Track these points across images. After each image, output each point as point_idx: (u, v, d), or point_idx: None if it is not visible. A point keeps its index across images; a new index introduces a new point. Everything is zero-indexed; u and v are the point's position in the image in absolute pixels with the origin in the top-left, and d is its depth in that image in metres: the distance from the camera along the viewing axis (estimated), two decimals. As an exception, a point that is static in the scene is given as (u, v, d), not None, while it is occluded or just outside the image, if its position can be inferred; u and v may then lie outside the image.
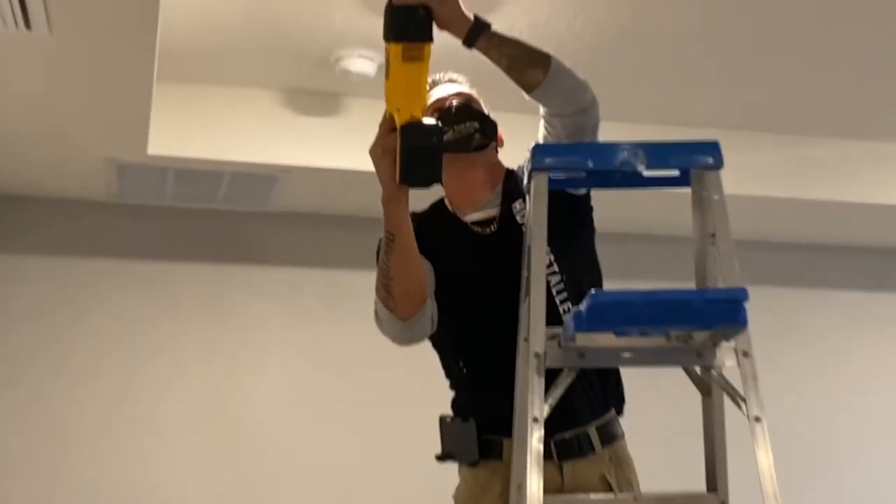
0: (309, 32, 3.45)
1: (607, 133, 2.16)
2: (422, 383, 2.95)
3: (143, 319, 4.58)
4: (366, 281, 2.57)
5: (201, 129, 3.95)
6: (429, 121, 1.90)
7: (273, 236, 4.79)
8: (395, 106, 1.85)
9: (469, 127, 2.15)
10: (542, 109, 2.09)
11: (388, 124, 1.87)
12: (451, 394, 2.22)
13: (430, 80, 2.23)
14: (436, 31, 1.85)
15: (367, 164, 1.93)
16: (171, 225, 4.68)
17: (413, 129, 1.83)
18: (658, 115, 4.21)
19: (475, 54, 1.94)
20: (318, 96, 4.06)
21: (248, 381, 4.64)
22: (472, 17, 1.90)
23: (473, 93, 2.26)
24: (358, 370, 4.66)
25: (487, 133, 2.17)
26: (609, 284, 2.20)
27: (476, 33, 1.90)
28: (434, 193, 2.14)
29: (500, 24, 3.23)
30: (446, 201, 2.26)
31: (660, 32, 3.44)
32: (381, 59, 3.58)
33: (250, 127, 4.01)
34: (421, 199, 2.12)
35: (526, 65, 1.96)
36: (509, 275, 2.04)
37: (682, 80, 3.92)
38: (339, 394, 4.68)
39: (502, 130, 2.25)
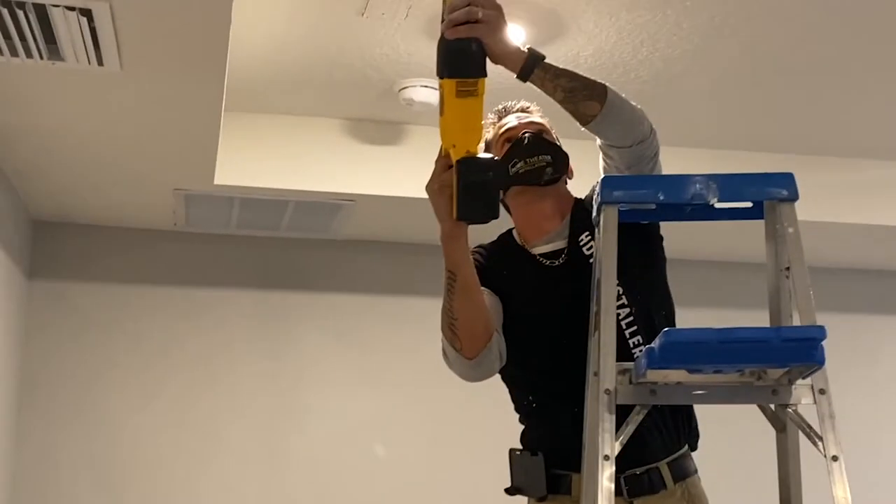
0: (373, 62, 3.47)
1: (671, 158, 2.14)
2: (489, 415, 2.93)
3: (205, 346, 4.63)
4: (428, 308, 2.57)
5: (267, 158, 3.99)
6: (485, 156, 1.89)
7: (335, 263, 4.82)
8: (450, 142, 1.84)
9: (541, 160, 2.12)
10: (599, 140, 2.06)
11: (443, 161, 1.86)
12: (520, 426, 2.20)
13: (500, 107, 2.24)
14: (490, 65, 1.83)
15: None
16: (235, 252, 4.73)
17: (469, 164, 1.82)
18: (723, 140, 4.17)
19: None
20: (381, 125, 4.09)
21: (308, 410, 4.66)
22: (525, 50, 1.88)
23: (546, 123, 2.23)
24: (422, 400, 4.65)
25: (559, 167, 2.15)
26: (680, 311, 2.17)
27: (530, 66, 1.87)
28: (499, 226, 2.13)
29: (565, 51, 3.30)
30: (514, 233, 2.25)
31: (726, 58, 3.41)
32: (444, 87, 3.64)
33: (315, 156, 4.05)
34: (487, 232, 2.11)
35: (581, 97, 1.92)
36: (578, 307, 2.01)
37: (748, 106, 3.87)
38: (402, 424, 4.67)
39: (571, 157, 2.22)
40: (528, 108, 2.26)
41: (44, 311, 4.47)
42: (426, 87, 3.65)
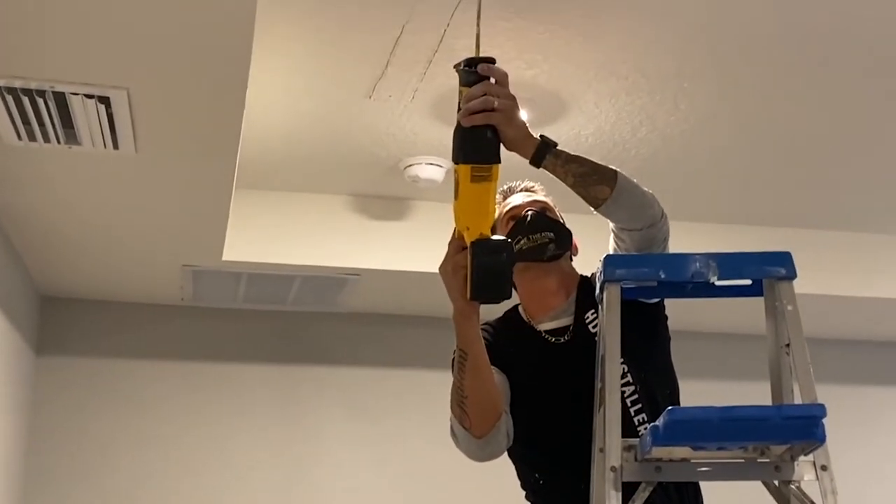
0: (380, 141, 3.56)
1: (671, 232, 2.17)
2: (498, 490, 2.94)
3: (211, 419, 4.64)
4: (433, 380, 2.60)
5: (274, 234, 4.06)
6: (498, 238, 1.93)
7: (341, 337, 4.86)
8: (464, 225, 1.89)
9: (544, 237, 2.18)
10: (611, 223, 2.11)
11: (457, 243, 1.90)
12: (525, 503, 2.22)
13: (506, 187, 2.29)
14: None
15: (434, 266, 1.98)
16: (241, 326, 4.77)
17: (483, 246, 1.86)
18: (722, 214, 4.24)
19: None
20: (387, 201, 4.16)
21: (314, 483, 4.65)
22: (538, 138, 1.93)
23: (549, 201, 2.29)
24: (427, 473, 4.65)
25: (562, 243, 2.20)
26: (686, 384, 2.20)
27: (542, 153, 1.92)
28: (507, 303, 2.17)
29: (566, 130, 3.38)
30: (520, 309, 2.29)
31: (723, 136, 3.49)
32: (448, 164, 3.72)
33: (321, 231, 4.11)
34: (495, 309, 2.15)
35: (592, 181, 1.97)
36: (583, 385, 2.04)
37: (746, 181, 3.95)
38: (406, 497, 4.66)
39: (576, 233, 2.27)
40: (532, 187, 2.32)
41: (52, 386, 4.50)
42: (431, 164, 3.74)
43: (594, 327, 2.13)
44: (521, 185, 2.33)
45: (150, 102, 2.56)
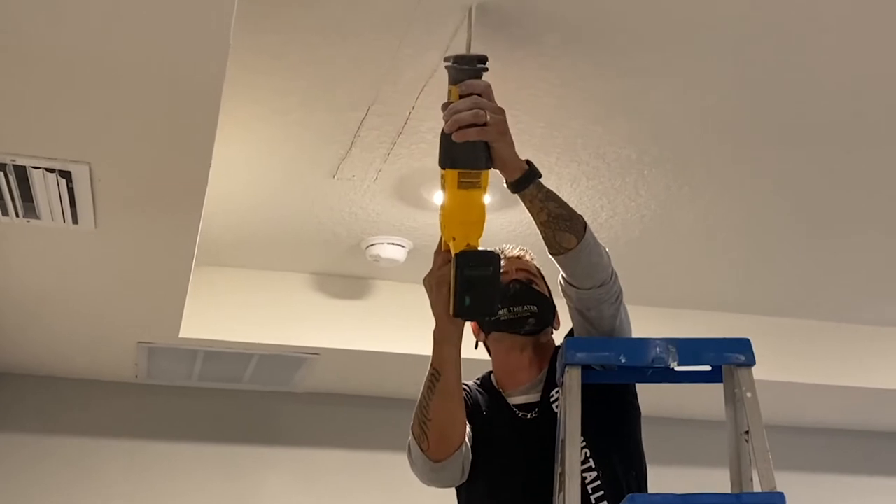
0: (342, 220, 3.56)
1: (631, 316, 2.16)
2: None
3: (164, 500, 4.52)
4: (392, 462, 2.55)
5: (233, 311, 4.02)
6: (484, 249, 1.83)
7: (297, 417, 4.79)
8: (450, 235, 1.80)
9: (525, 311, 2.12)
10: (560, 278, 2.04)
11: (443, 254, 1.84)
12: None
13: (497, 249, 2.15)
14: None
15: (392, 347, 1.94)
16: (195, 405, 4.69)
17: (468, 258, 1.77)
18: (681, 300, 4.28)
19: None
20: (348, 280, 4.15)
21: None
22: (525, 161, 1.87)
23: (537, 270, 2.24)
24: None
25: (543, 319, 2.16)
26: (654, 469, 2.17)
27: (528, 179, 1.85)
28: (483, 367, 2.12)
29: (525, 214, 3.40)
30: (492, 377, 2.24)
31: (683, 222, 3.54)
32: (411, 245, 3.73)
33: (280, 309, 4.08)
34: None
35: (563, 227, 1.90)
36: (545, 465, 2.01)
37: (705, 267, 3.99)
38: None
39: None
40: (521, 255, 2.26)
41: (3, 464, 4.38)
42: (393, 244, 3.74)
43: (557, 407, 2.10)
44: (514, 252, 2.26)
45: (112, 178, 2.55)
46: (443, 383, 1.92)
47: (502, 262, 2.16)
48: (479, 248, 1.81)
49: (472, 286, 1.77)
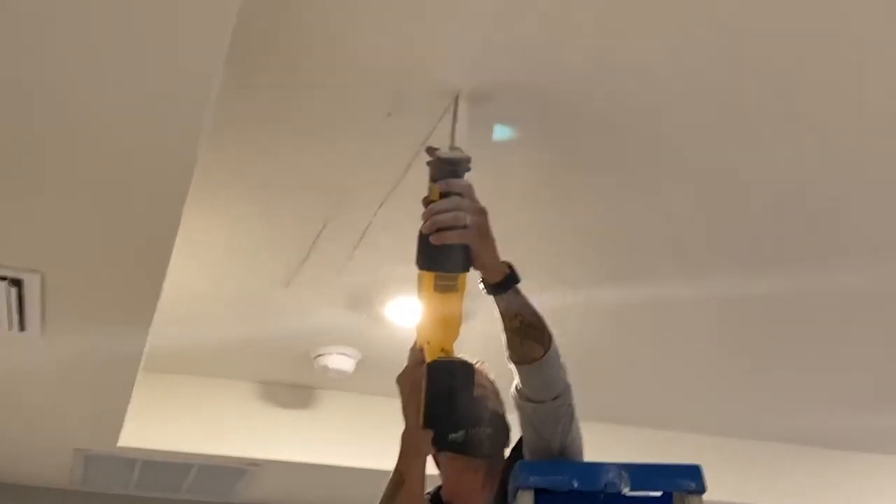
0: (293, 330, 3.54)
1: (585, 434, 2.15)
2: None
3: None
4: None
5: (174, 419, 3.95)
6: (458, 359, 1.76)
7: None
8: (425, 338, 1.75)
9: (482, 432, 2.05)
10: (513, 387, 1.97)
11: (418, 354, 1.78)
12: None
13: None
14: None
15: (338, 460, 1.88)
16: (130, 514, 4.57)
17: (440, 369, 1.72)
18: (631, 417, 4.30)
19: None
20: (295, 389, 4.10)
21: None
22: (507, 267, 1.80)
23: (492, 385, 2.16)
24: None
25: (497, 441, 2.11)
26: None
27: (508, 284, 1.78)
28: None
29: (480, 329, 3.40)
30: (442, 493, 2.21)
31: (631, 340, 3.58)
32: (360, 356, 3.71)
33: (225, 419, 4.01)
34: None
35: (533, 337, 1.84)
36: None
37: (652, 385, 4.03)
38: None
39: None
40: (482, 370, 2.14)
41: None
42: (342, 354, 3.72)
43: (508, 530, 2.07)
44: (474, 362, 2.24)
45: (63, 287, 2.52)
46: (407, 488, 1.86)
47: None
48: (453, 358, 1.76)
49: (443, 399, 1.74)
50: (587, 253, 2.96)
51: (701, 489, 2.00)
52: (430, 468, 1.98)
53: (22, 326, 2.71)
